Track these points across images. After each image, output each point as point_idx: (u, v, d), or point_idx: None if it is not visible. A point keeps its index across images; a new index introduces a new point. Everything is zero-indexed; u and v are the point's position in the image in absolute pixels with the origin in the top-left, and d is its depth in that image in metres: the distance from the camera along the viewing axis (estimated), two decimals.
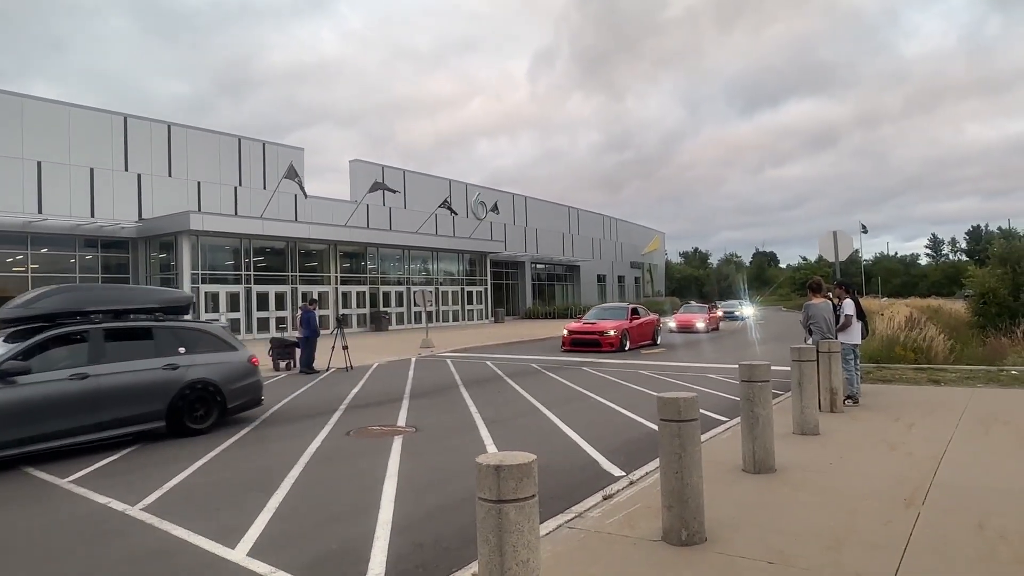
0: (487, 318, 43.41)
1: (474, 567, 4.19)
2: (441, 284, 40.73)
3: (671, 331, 29.54)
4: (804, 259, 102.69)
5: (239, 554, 4.59)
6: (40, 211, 26.91)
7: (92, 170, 28.87)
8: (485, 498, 2.96)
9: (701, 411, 4.65)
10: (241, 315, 29.65)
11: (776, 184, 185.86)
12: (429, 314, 32.09)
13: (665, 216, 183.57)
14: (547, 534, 4.55)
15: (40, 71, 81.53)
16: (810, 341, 9.25)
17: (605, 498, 5.43)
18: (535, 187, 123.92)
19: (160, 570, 4.41)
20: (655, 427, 8.34)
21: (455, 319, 41.22)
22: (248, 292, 30.14)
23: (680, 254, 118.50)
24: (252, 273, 30.66)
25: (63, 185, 27.88)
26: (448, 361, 18.79)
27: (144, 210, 30.11)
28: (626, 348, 20.71)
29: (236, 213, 32.73)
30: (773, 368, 6.29)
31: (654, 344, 22.73)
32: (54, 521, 5.51)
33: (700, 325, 30.67)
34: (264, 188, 34.94)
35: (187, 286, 27.54)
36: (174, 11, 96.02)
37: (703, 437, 5.92)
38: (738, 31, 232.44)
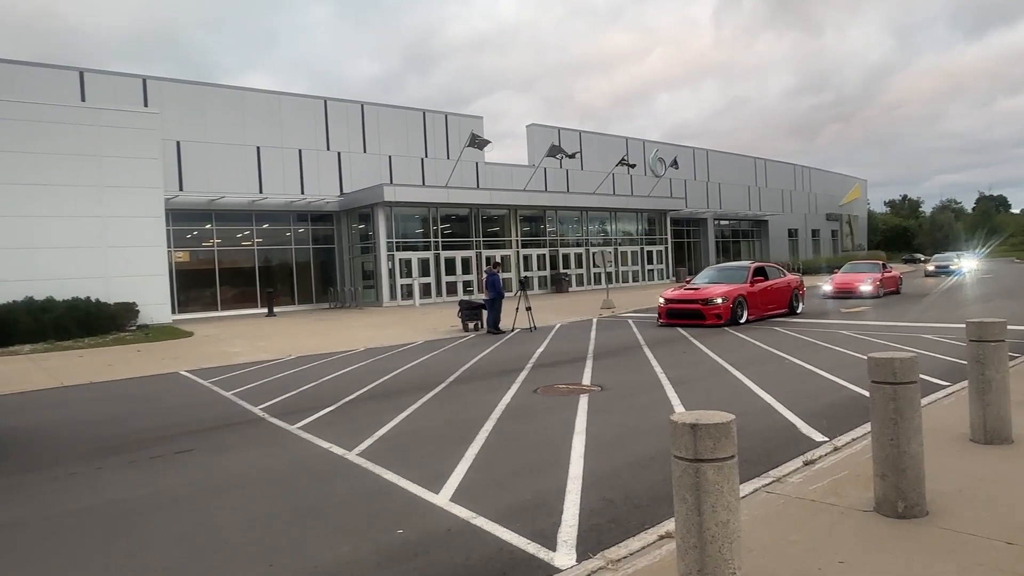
0: (668, 277, 42.39)
1: (667, 525, 4.16)
2: (620, 244, 40.35)
3: (826, 296, 24.09)
4: None
5: (443, 499, 4.94)
6: (261, 191, 30.37)
7: (300, 151, 31.96)
8: (681, 456, 2.90)
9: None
10: (431, 279, 31.61)
11: (1009, 116, 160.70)
12: (609, 275, 31.96)
13: (868, 162, 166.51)
14: (744, 497, 4.38)
15: (257, 65, 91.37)
16: None
17: (806, 463, 5.11)
18: (719, 140, 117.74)
19: (377, 508, 4.87)
20: (860, 391, 7.70)
21: (635, 279, 40.74)
22: (436, 258, 32.01)
23: (886, 203, 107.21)
24: (440, 240, 32.47)
25: (277, 166, 31.18)
26: (630, 321, 18.65)
27: (344, 185, 32.87)
28: (741, 320, 16.41)
29: (423, 183, 34.67)
30: (1008, 327, 5.48)
31: (792, 313, 18.31)
32: (287, 461, 6.29)
33: (865, 288, 23.65)
34: (447, 158, 36.58)
35: (383, 254, 29.83)
36: None
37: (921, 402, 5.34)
38: None
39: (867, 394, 4.26)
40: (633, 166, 41.69)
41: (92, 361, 14.66)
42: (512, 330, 17.22)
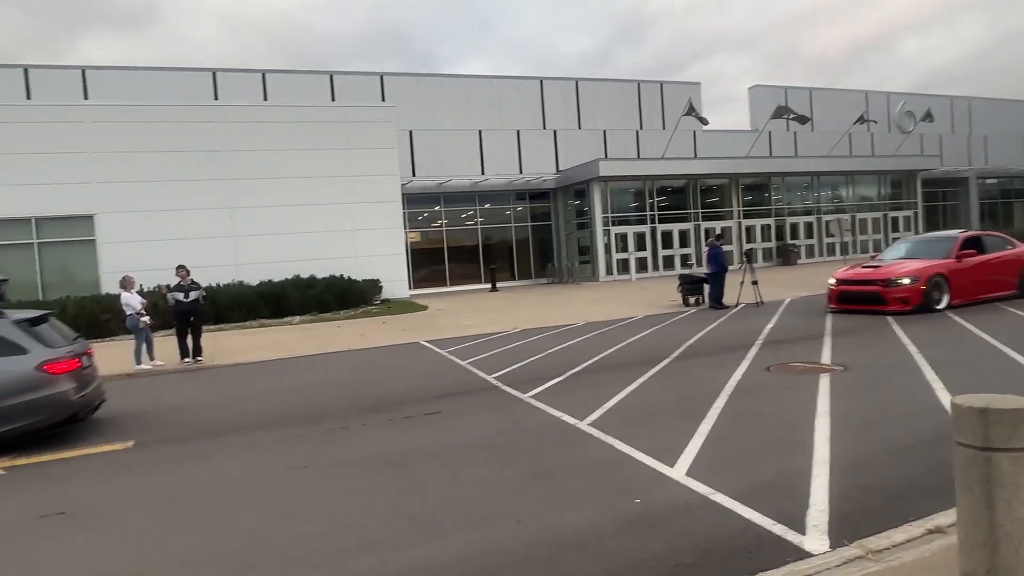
0: None
1: (936, 519, 3.77)
2: (859, 211, 36.54)
3: None
4: None
5: (678, 472, 4.91)
6: (483, 172, 32.08)
7: (518, 132, 33.14)
8: (968, 444, 2.60)
9: None
10: (647, 254, 31.23)
11: None
12: (845, 245, 29.15)
13: None
14: None
15: (474, 50, 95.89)
16: None
17: None
18: (983, 85, 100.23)
19: (613, 477, 4.99)
20: None
21: (877, 250, 36.68)
22: (653, 232, 31.51)
23: None
24: (656, 213, 31.90)
25: (498, 148, 32.66)
26: None
27: (560, 162, 33.52)
28: (939, 305, 13.02)
29: (638, 156, 34.20)
30: None
31: (1021, 295, 14.04)
32: (523, 427, 6.66)
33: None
34: (663, 128, 35.66)
35: (599, 229, 30.04)
36: None
37: None
38: None
39: None
40: (875, 122, 37.37)
41: (348, 331, 16.64)
42: (736, 305, 16.47)
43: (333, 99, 30.23)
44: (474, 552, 3.88)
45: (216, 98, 28.51)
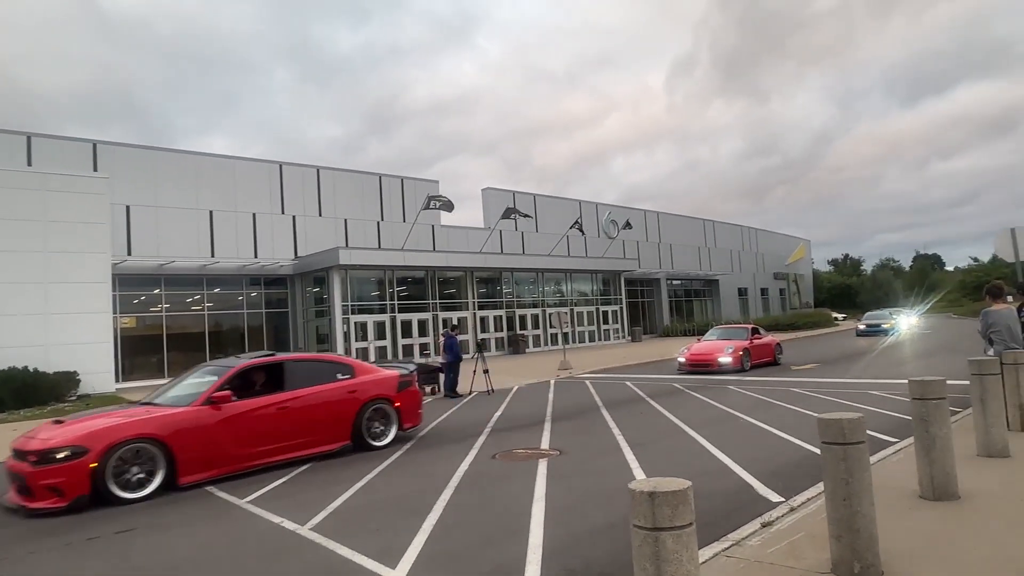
0: (624, 337, 42.84)
1: None
2: (576, 305, 40.77)
3: (680, 369, 20.27)
4: (975, 260, 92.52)
5: (400, 574, 4.78)
6: (213, 255, 29.88)
7: (254, 215, 31.72)
8: (640, 525, 2.90)
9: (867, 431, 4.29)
10: (387, 343, 31.25)
11: (942, 179, 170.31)
12: (565, 335, 32.12)
13: (813, 223, 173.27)
14: (704, 562, 4.37)
15: (216, 126, 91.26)
16: (991, 352, 8.31)
17: (764, 525, 5.13)
18: (672, 201, 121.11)
19: None
20: (813, 449, 7.82)
21: (591, 339, 41.03)
22: (393, 320, 31.75)
23: (829, 262, 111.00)
24: (396, 302, 32.29)
25: (230, 230, 30.83)
26: (587, 382, 18.70)
27: (299, 248, 32.62)
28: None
29: (379, 246, 34.65)
30: (949, 382, 5.69)
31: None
32: (237, 538, 6.03)
33: (725, 360, 19.27)
34: (404, 220, 36.77)
35: (339, 317, 29.47)
36: (328, 59, 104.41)
37: (871, 459, 5.46)
38: (897, 15, 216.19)
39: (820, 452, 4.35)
40: (584, 233, 42.65)
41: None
42: (470, 393, 17.07)
43: (30, 164, 26.23)
44: None
45: None
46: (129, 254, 26.94)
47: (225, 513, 6.92)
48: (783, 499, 6.00)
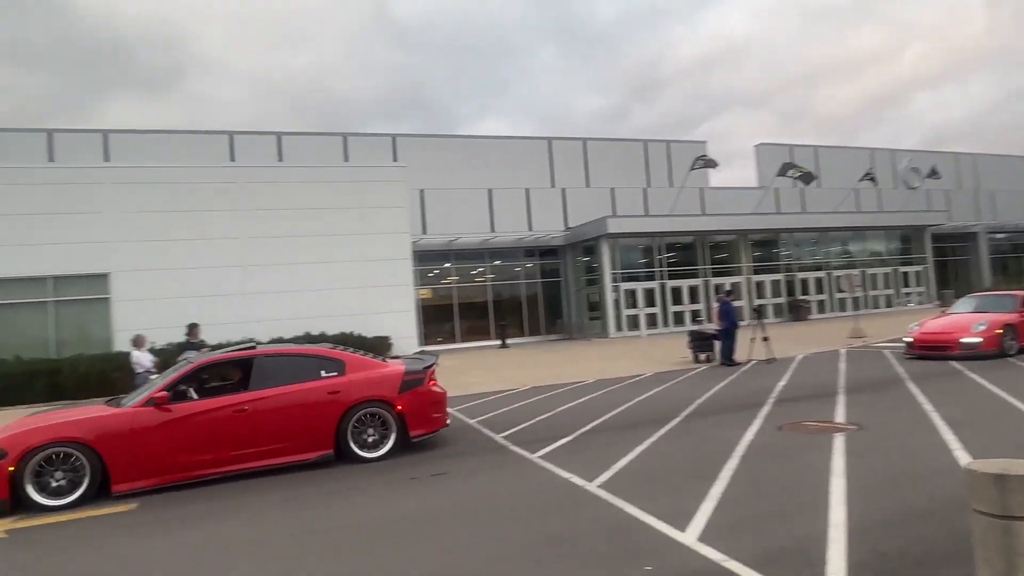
0: (932, 301, 37.34)
1: None
2: (868, 266, 36.49)
3: (906, 354, 15.21)
4: None
5: (689, 537, 4.77)
6: (492, 230, 32.40)
7: (527, 190, 33.64)
8: (985, 511, 2.52)
9: None
10: (657, 309, 31.18)
11: None
12: (856, 301, 29.02)
13: None
14: None
15: (491, 110, 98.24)
16: None
17: None
18: (993, 140, 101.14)
19: (623, 541, 4.85)
20: None
21: (888, 305, 36.45)
22: (662, 287, 31.54)
23: None
24: (665, 269, 32.00)
25: (507, 206, 33.10)
26: (885, 352, 16.69)
27: (569, 219, 33.86)
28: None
29: (646, 213, 34.52)
30: None
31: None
32: (530, 488, 6.53)
33: (971, 341, 14.02)
34: (670, 186, 36.10)
35: (608, 286, 30.11)
36: (589, 31, 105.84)
37: None
38: None
39: None
40: (875, 182, 37.70)
41: None
42: (747, 362, 16.29)
43: (347, 159, 30.88)
44: None
45: (233, 159, 29.24)
46: (424, 232, 30.40)
47: (520, 466, 7.51)
48: None
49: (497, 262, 33.17)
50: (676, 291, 31.77)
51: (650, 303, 31.17)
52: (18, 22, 66.95)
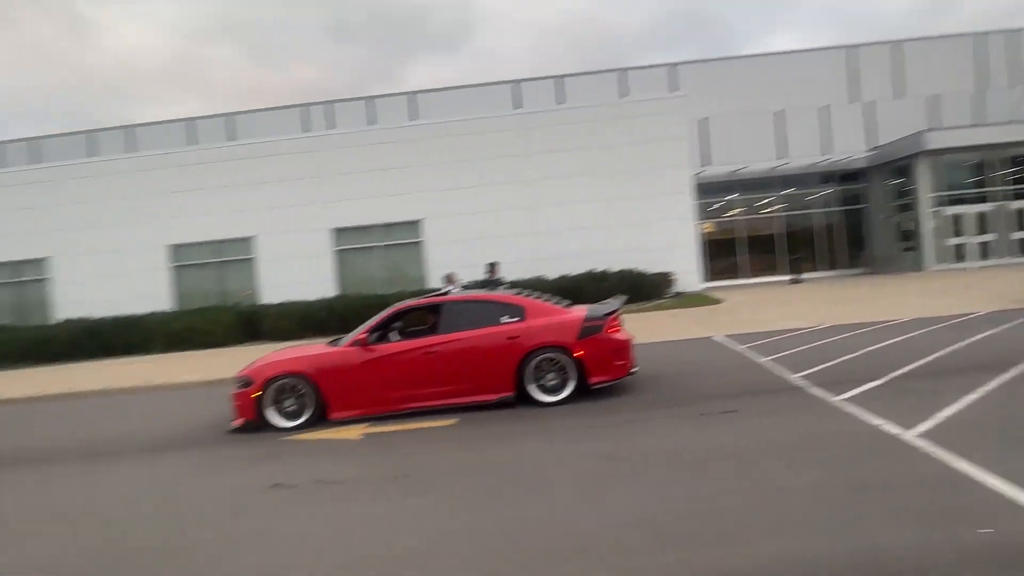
0: None
1: None
2: None
3: None
4: None
5: None
6: (783, 156, 29.86)
7: (821, 109, 30.21)
8: None
9: None
10: (992, 237, 26.26)
11: None
12: None
13: None
14: None
15: (781, 22, 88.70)
16: None
17: None
18: None
19: (946, 499, 4.28)
20: None
21: None
22: (1000, 211, 26.36)
23: None
24: (1003, 188, 26.64)
25: (798, 129, 30.17)
26: None
27: (874, 138, 29.77)
28: None
29: (977, 123, 28.86)
30: None
31: None
32: (832, 432, 6.05)
33: None
34: (1010, 87, 29.61)
35: (926, 211, 26.10)
36: None
37: None
38: None
39: None
40: None
41: (641, 324, 16.76)
42: None
43: (627, 94, 30.73)
44: (782, 565, 3.62)
45: (521, 106, 30.94)
46: (706, 164, 29.17)
47: (819, 408, 6.99)
48: None
49: (788, 190, 30.67)
50: (1020, 215, 26.34)
51: (982, 230, 26.33)
52: (340, 4, 77.56)
